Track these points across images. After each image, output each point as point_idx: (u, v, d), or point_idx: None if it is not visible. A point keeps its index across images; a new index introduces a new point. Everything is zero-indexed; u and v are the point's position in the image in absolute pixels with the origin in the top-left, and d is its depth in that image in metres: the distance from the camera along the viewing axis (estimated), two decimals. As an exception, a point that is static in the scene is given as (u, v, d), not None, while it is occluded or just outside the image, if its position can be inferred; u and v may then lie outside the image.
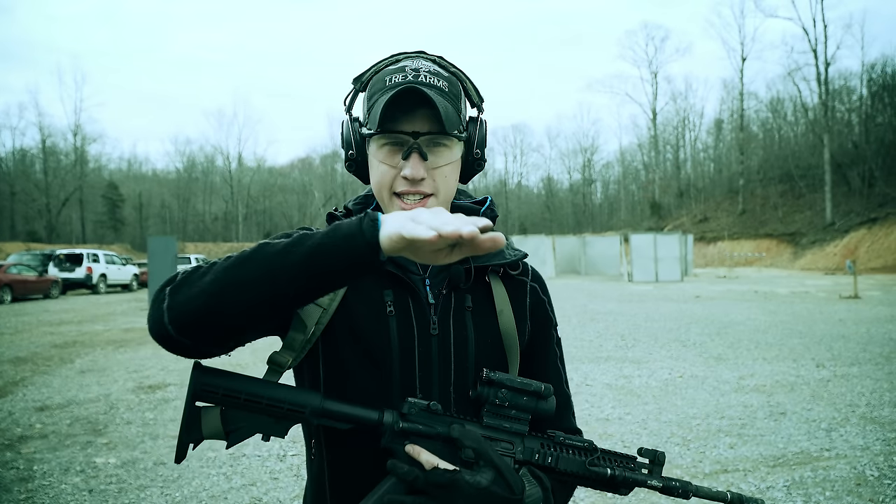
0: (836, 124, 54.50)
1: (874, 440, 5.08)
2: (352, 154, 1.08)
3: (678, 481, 1.01)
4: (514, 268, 1.17)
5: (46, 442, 5.25)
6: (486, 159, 1.13)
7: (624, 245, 35.18)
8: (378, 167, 1.04)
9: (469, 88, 1.10)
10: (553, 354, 1.19)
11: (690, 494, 1.01)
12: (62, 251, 25.90)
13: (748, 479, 4.31)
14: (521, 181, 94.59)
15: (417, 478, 0.88)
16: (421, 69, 1.03)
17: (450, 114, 1.00)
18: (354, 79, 1.09)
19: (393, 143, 1.02)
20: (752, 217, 57.25)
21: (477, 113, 1.13)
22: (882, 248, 38.01)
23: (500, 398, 0.98)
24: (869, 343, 9.89)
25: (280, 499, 4.06)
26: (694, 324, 12.72)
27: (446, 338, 1.06)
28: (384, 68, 1.06)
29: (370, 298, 1.05)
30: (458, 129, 1.04)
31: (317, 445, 1.06)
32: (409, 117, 1.00)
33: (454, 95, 1.05)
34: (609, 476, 1.00)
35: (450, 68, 1.09)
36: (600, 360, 8.84)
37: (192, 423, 0.93)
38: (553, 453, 1.00)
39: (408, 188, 1.02)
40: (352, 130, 1.08)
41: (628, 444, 5.08)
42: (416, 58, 1.07)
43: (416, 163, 1.01)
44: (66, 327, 13.17)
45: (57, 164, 67.83)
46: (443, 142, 1.03)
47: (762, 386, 7.07)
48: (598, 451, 1.02)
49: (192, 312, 0.85)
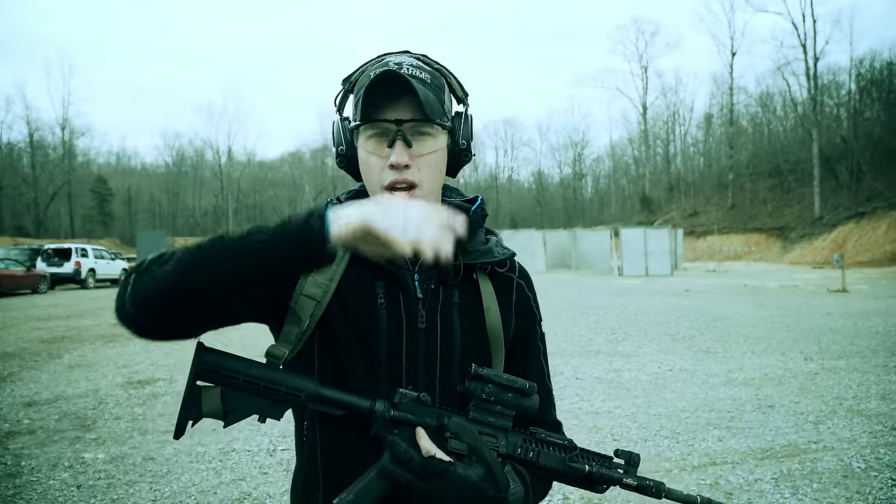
0: (824, 119, 54.77)
1: (861, 433, 5.12)
2: (342, 150, 1.11)
3: (652, 481, 1.04)
4: (502, 265, 1.19)
5: (34, 437, 5.22)
6: (474, 153, 1.15)
7: (614, 239, 35.25)
8: (367, 158, 1.07)
9: (453, 83, 1.13)
10: (537, 349, 1.22)
11: (663, 495, 1.04)
12: (50, 246, 25.72)
13: (736, 471, 4.33)
14: (512, 175, 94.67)
15: (412, 459, 0.90)
16: (403, 62, 1.06)
17: (431, 101, 1.02)
18: (343, 80, 1.12)
19: (379, 134, 1.05)
20: (742, 211, 57.54)
21: (463, 108, 1.15)
22: (870, 243, 38.28)
23: (487, 393, 1.00)
24: (856, 336, 9.97)
25: (270, 493, 4.05)
26: (683, 317, 12.78)
27: (433, 331, 1.08)
28: (368, 66, 1.10)
29: (362, 290, 1.07)
30: (442, 118, 1.06)
31: (310, 427, 1.08)
32: (391, 105, 1.03)
33: (437, 87, 1.07)
34: (587, 472, 1.03)
35: (433, 64, 1.11)
36: (590, 353, 8.87)
37: (193, 400, 0.96)
38: (535, 449, 1.03)
39: (395, 177, 1.04)
40: (341, 128, 1.11)
41: (618, 438, 5.10)
42: (400, 55, 1.11)
43: (400, 149, 1.03)
44: (54, 322, 13.08)
45: (45, 159, 67.31)
46: (426, 130, 1.05)
47: (751, 379, 7.12)
48: (578, 449, 1.05)
49: (153, 293, 0.89)
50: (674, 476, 4.28)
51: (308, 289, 1.05)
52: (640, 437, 5.14)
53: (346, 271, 1.08)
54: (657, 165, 78.43)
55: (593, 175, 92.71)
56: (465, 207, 1.18)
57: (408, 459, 0.90)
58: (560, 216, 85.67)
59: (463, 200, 1.21)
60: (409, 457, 0.90)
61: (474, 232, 1.15)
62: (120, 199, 76.00)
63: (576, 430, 5.23)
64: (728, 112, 66.24)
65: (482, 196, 1.22)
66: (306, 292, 1.05)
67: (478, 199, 1.21)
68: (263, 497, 4.00)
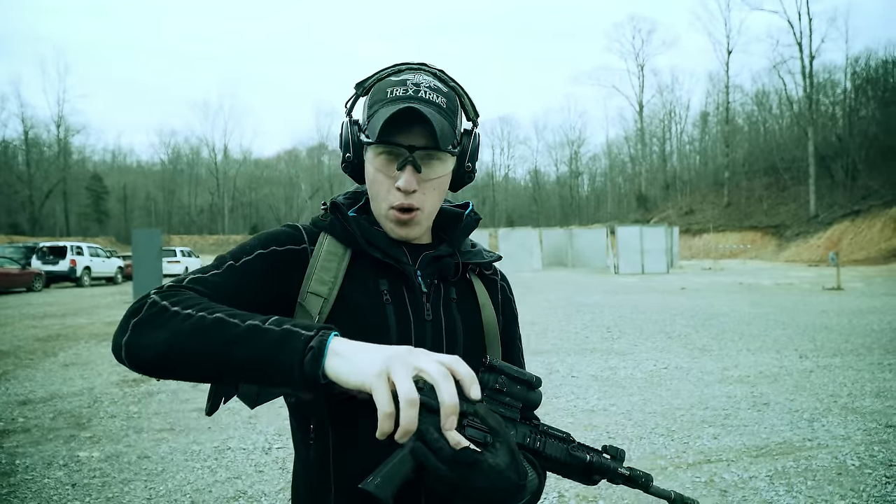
0: (820, 117, 54.96)
1: (855, 430, 5.14)
2: (349, 157, 1.14)
3: (642, 472, 1.07)
4: (488, 268, 1.27)
5: (29, 436, 5.20)
6: (477, 171, 1.20)
7: (610, 237, 35.30)
8: (375, 176, 1.09)
9: (466, 104, 1.15)
10: (518, 349, 1.30)
11: (651, 486, 1.07)
12: (45, 244, 25.61)
13: (731, 469, 4.34)
14: (509, 173, 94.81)
15: (442, 449, 0.89)
16: (422, 84, 1.07)
17: (445, 130, 1.05)
18: (357, 84, 1.13)
19: (389, 154, 1.07)
20: (737, 209, 57.68)
21: (471, 126, 1.17)
22: (864, 241, 38.41)
23: (500, 384, 1.02)
24: (851, 334, 10.00)
25: (265, 491, 4.05)
26: (679, 315, 12.81)
27: (438, 324, 1.12)
28: (387, 77, 1.10)
29: (367, 287, 1.10)
30: (452, 144, 1.09)
31: (319, 427, 1.07)
32: (406, 131, 1.04)
33: (451, 111, 1.10)
34: (587, 462, 1.05)
35: (449, 83, 1.13)
36: (586, 351, 8.89)
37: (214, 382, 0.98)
38: (541, 439, 1.05)
39: (401, 201, 1.07)
40: (350, 133, 1.13)
41: (613, 436, 5.11)
42: (419, 71, 1.11)
43: (409, 175, 1.06)
44: (49, 320, 13.04)
45: (40, 156, 67.11)
46: (436, 156, 1.08)
47: (746, 377, 7.13)
48: (575, 441, 1.08)
49: (144, 359, 0.91)
50: (669, 474, 4.29)
51: (314, 286, 1.07)
52: (636, 434, 5.15)
53: (348, 269, 1.10)
54: (653, 163, 78.58)
55: (589, 173, 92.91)
56: (458, 213, 1.22)
57: (438, 448, 0.89)
58: (556, 214, 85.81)
59: (453, 206, 1.25)
60: (440, 446, 0.89)
61: (466, 234, 1.21)
62: (115, 197, 75.88)
63: (571, 428, 5.23)
64: (724, 110, 66.39)
65: (472, 203, 1.27)
66: (312, 290, 1.07)
67: (469, 205, 1.26)
68: (259, 495, 4.00)
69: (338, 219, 1.13)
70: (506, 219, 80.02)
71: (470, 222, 1.21)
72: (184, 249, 34.13)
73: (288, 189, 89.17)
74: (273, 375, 0.85)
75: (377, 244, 1.11)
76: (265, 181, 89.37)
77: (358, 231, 1.11)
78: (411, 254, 1.14)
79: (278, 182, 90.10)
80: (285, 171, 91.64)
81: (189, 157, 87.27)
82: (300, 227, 1.15)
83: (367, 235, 1.11)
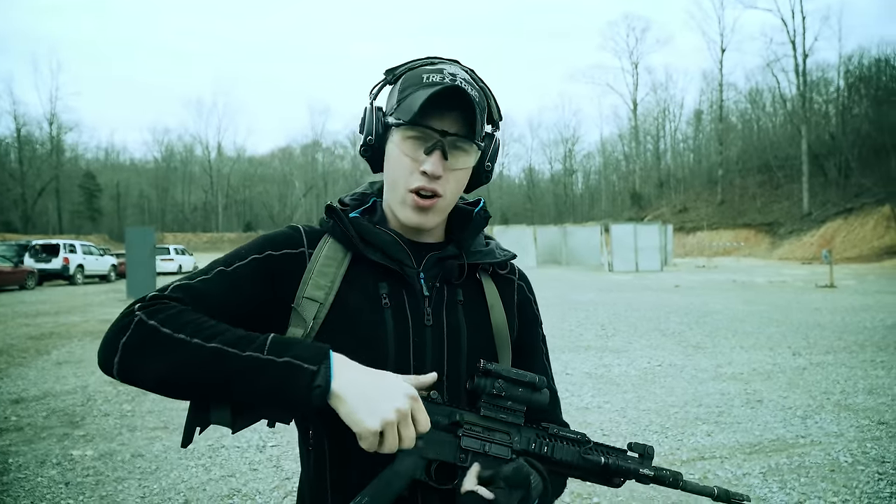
0: (813, 115, 55.15)
1: (848, 427, 5.17)
2: (370, 140, 1.10)
3: (669, 471, 1.02)
4: (503, 267, 1.22)
5: (22, 434, 5.18)
6: (493, 173, 1.17)
7: (604, 235, 35.35)
8: (399, 158, 1.06)
9: (492, 105, 1.13)
10: (540, 352, 1.23)
11: (680, 485, 1.02)
12: (38, 241, 25.45)
13: (725, 466, 4.36)
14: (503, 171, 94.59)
15: None
16: (458, 75, 1.06)
17: (478, 120, 1.05)
18: (387, 70, 1.12)
19: (418, 138, 1.05)
20: (731, 207, 57.84)
21: (492, 129, 1.16)
22: (857, 238, 38.60)
23: (498, 388, 0.99)
24: (844, 332, 10.05)
25: (259, 490, 4.04)
26: (673, 313, 12.84)
27: (439, 328, 1.08)
28: (420, 67, 1.09)
29: (365, 290, 1.07)
30: (480, 138, 1.09)
31: (316, 436, 1.06)
32: (440, 116, 1.03)
33: (482, 107, 1.08)
34: (603, 465, 1.01)
35: (479, 82, 1.12)
36: (580, 349, 8.90)
37: (201, 406, 0.94)
38: (549, 443, 1.01)
39: (423, 184, 1.04)
40: (374, 118, 1.10)
41: (607, 433, 5.12)
42: (453, 64, 1.11)
43: (436, 159, 1.04)
44: (42, 318, 12.98)
45: (32, 154, 66.79)
46: (464, 146, 1.06)
47: (739, 374, 7.16)
48: (591, 442, 1.04)
49: (139, 384, 0.92)
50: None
51: (310, 291, 1.04)
52: (630, 432, 5.16)
53: (347, 273, 1.07)
54: (647, 161, 78.71)
55: (584, 171, 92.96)
56: (468, 211, 1.20)
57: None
58: (550, 212, 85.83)
59: (465, 203, 1.22)
60: None
61: (475, 233, 1.17)
62: (108, 195, 75.54)
63: (566, 426, 5.23)
64: (718, 108, 66.57)
65: (484, 200, 1.24)
66: (308, 294, 1.04)
67: (480, 202, 1.23)
68: (253, 493, 3.99)
69: (336, 222, 1.10)
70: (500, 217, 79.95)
71: (479, 220, 1.18)
72: (177, 247, 33.96)
73: (282, 187, 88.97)
74: (279, 410, 0.93)
75: (378, 245, 1.08)
76: (259, 179, 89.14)
77: (356, 233, 1.08)
78: (417, 254, 1.11)
79: (272, 180, 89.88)
80: (279, 169, 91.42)
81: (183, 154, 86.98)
82: (301, 228, 1.12)
83: (367, 237, 1.08)
